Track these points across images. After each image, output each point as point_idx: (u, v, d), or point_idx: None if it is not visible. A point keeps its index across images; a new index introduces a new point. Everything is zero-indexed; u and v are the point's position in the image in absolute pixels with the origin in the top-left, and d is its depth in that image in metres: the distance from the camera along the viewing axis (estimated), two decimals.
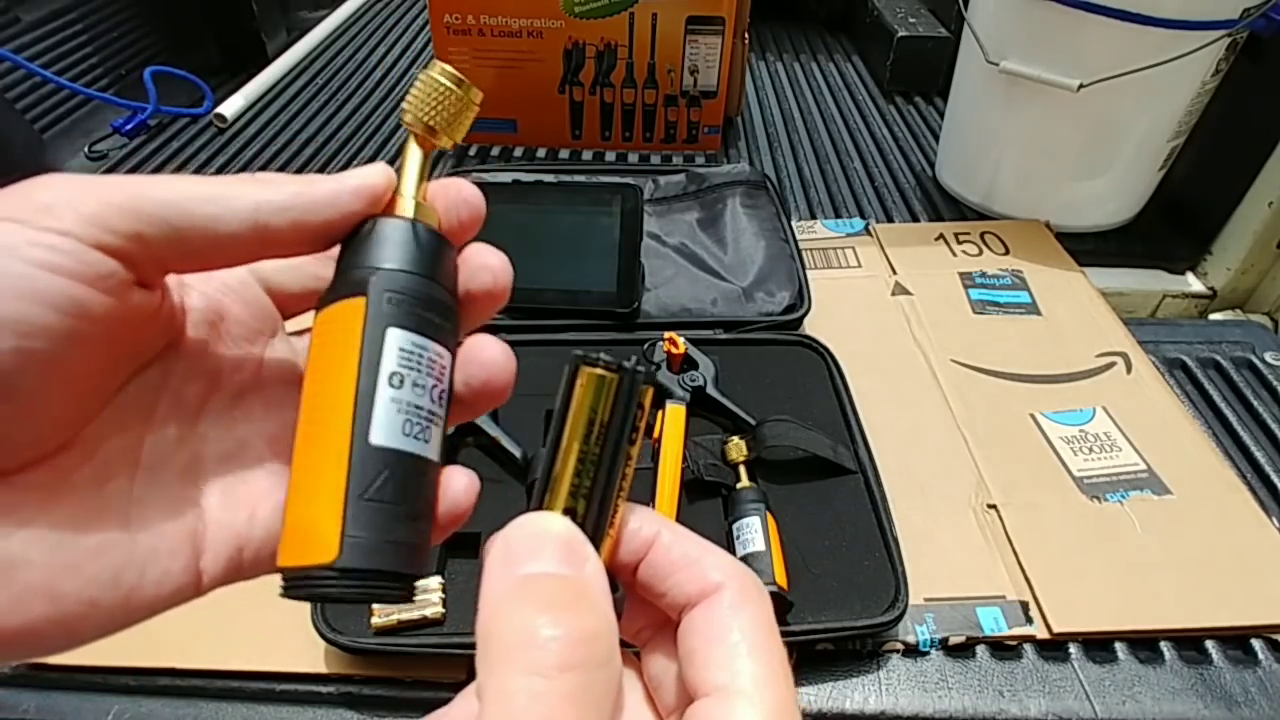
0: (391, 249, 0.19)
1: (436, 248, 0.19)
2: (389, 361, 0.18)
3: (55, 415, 0.16)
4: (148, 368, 0.18)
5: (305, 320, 0.21)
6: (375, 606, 0.42)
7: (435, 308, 0.19)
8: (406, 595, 0.18)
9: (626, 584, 0.20)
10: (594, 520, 0.18)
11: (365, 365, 0.18)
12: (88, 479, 0.17)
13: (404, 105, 0.20)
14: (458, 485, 0.19)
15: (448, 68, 0.20)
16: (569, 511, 0.18)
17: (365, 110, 0.99)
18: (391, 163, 0.19)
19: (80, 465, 0.17)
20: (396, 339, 0.18)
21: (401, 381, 0.18)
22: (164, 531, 0.18)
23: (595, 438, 0.18)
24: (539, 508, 0.18)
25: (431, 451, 0.18)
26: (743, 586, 0.19)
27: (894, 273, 0.71)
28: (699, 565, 0.19)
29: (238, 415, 0.20)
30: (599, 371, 0.18)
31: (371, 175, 0.19)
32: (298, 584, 0.18)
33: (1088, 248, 0.76)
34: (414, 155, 0.20)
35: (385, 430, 0.18)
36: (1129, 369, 0.61)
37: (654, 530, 0.19)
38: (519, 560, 0.17)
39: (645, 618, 0.20)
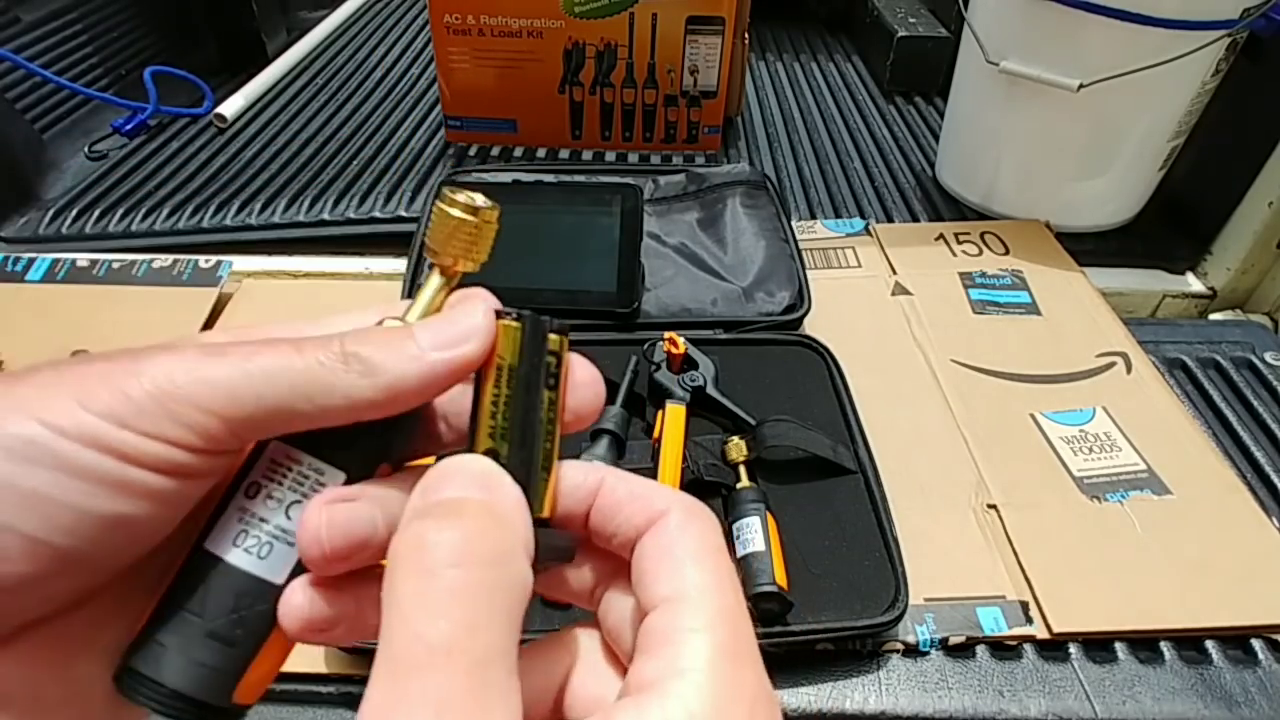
0: None
1: None
2: (255, 471, 0.18)
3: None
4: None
5: None
6: None
7: (338, 433, 0.18)
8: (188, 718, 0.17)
9: (581, 538, 0.20)
10: (518, 461, 0.18)
11: (239, 475, 0.18)
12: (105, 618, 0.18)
13: (425, 238, 0.20)
14: (292, 604, 0.17)
15: (460, 195, 0.19)
16: (490, 453, 0.18)
17: (365, 110, 0.99)
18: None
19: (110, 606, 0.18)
20: (270, 449, 0.18)
21: (256, 492, 0.17)
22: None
23: (506, 381, 0.18)
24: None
25: (267, 572, 0.17)
26: (687, 508, 0.19)
27: (894, 273, 0.71)
28: (645, 498, 0.19)
29: None
30: (505, 322, 0.19)
31: (466, 350, 0.18)
32: (120, 678, 0.17)
33: (1088, 248, 0.76)
34: (434, 281, 0.20)
35: (217, 538, 0.17)
36: (1129, 369, 0.61)
37: (598, 476, 0.20)
38: (431, 491, 0.17)
39: (598, 571, 0.20)
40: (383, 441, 0.19)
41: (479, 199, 0.19)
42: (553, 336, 0.19)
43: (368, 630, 0.17)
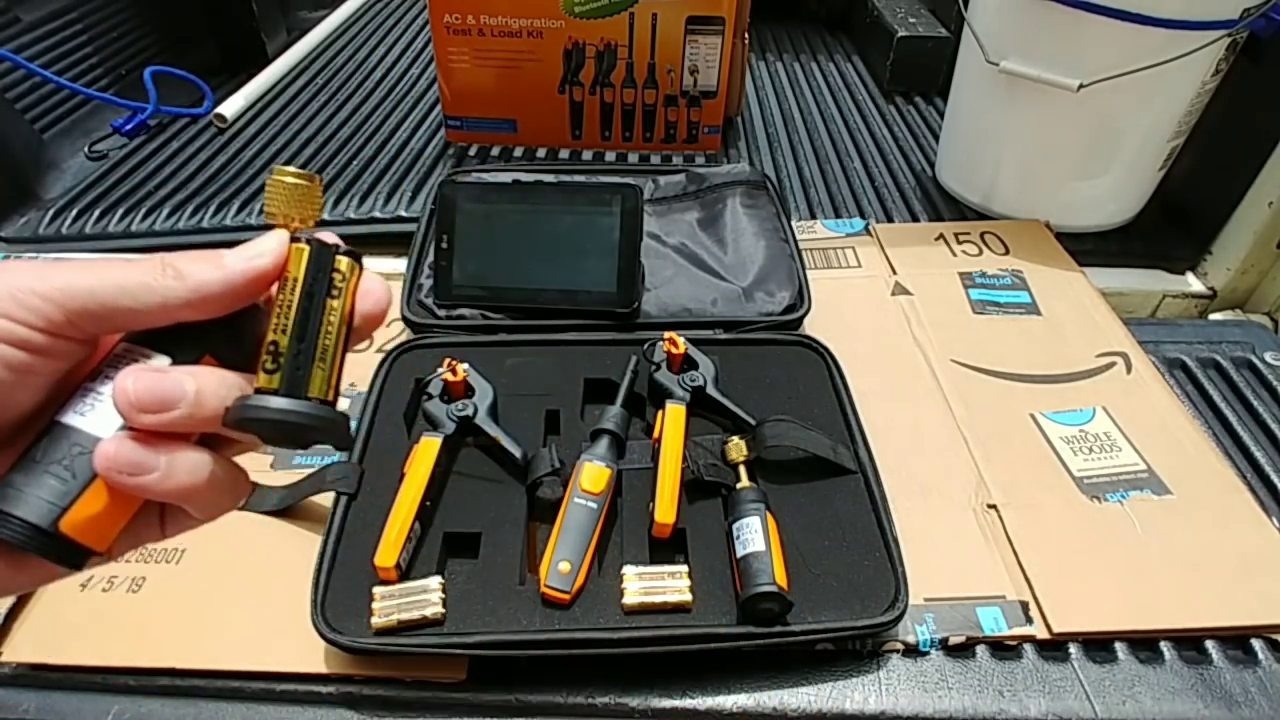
0: None
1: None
2: (100, 361, 0.23)
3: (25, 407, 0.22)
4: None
5: None
6: (374, 605, 0.42)
7: (168, 331, 0.23)
8: (25, 541, 0.21)
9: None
10: (295, 351, 0.22)
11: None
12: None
13: (266, 206, 0.24)
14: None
15: (289, 169, 0.24)
16: (273, 344, 0.22)
17: (365, 110, 0.99)
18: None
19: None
20: (114, 345, 0.23)
21: (96, 374, 0.22)
22: None
23: (292, 289, 0.23)
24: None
25: (93, 428, 0.22)
26: None
27: (894, 273, 0.71)
28: None
29: None
30: (297, 245, 0.23)
31: (260, 261, 0.23)
32: None
33: (1088, 248, 0.76)
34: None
35: (63, 409, 0.22)
36: (1129, 369, 0.61)
37: None
38: None
39: None
40: (204, 337, 0.23)
41: (303, 171, 0.24)
42: (342, 260, 0.24)
43: (177, 487, 0.21)
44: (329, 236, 0.24)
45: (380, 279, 0.25)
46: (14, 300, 0.20)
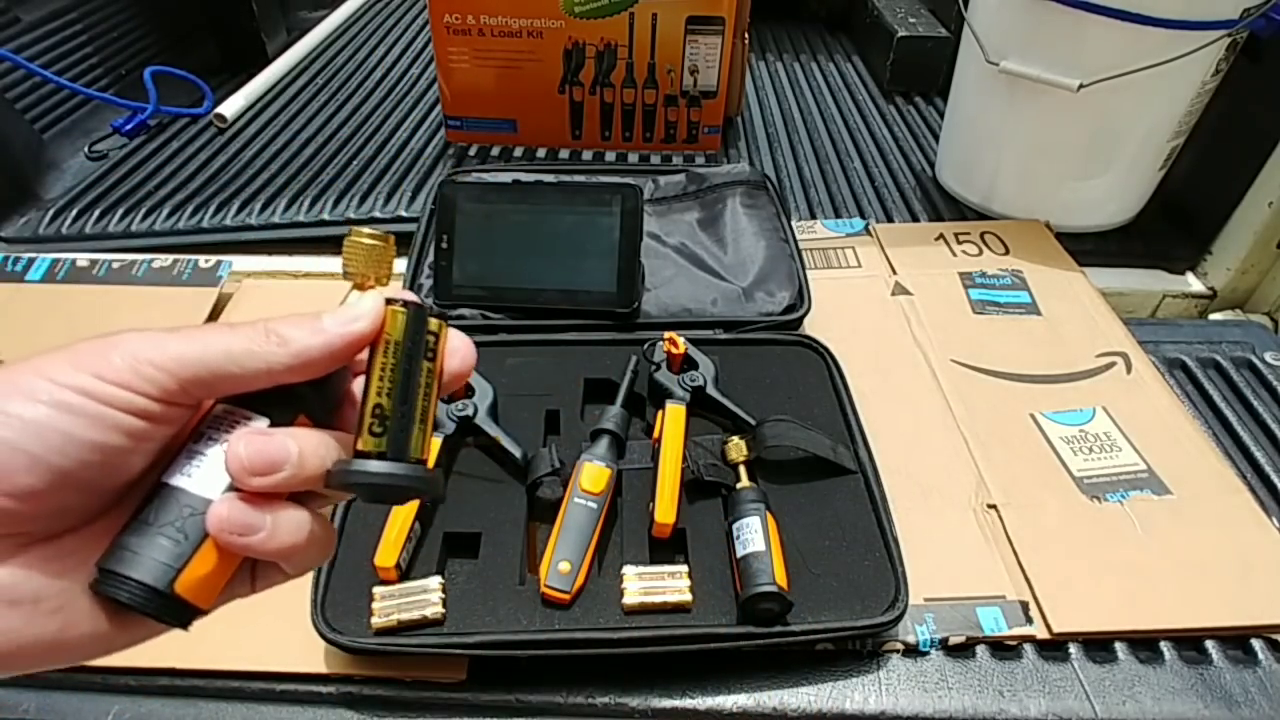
0: None
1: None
2: (201, 423, 0.23)
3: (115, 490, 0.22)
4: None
5: None
6: (374, 606, 0.42)
7: (267, 394, 0.23)
8: (142, 603, 0.21)
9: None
10: (399, 414, 0.23)
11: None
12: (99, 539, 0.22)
13: (345, 266, 0.26)
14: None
15: (365, 229, 0.25)
16: (377, 407, 0.23)
17: (365, 110, 0.99)
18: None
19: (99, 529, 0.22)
20: (214, 408, 0.23)
21: (199, 436, 0.23)
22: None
23: (392, 353, 0.23)
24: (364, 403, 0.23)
25: (202, 490, 0.22)
26: None
27: (894, 273, 0.71)
28: None
29: None
30: (394, 308, 0.24)
31: (358, 325, 0.23)
32: (96, 576, 0.21)
33: (1088, 248, 0.76)
34: (354, 296, 0.25)
35: (170, 471, 0.22)
36: (1129, 369, 0.61)
37: None
38: None
39: None
40: (298, 398, 0.24)
41: (377, 231, 0.26)
42: (432, 320, 0.24)
43: (279, 546, 0.22)
44: (412, 296, 0.24)
45: (464, 337, 0.26)
46: (134, 372, 0.21)
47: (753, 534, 0.45)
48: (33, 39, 0.90)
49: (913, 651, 0.45)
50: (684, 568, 0.45)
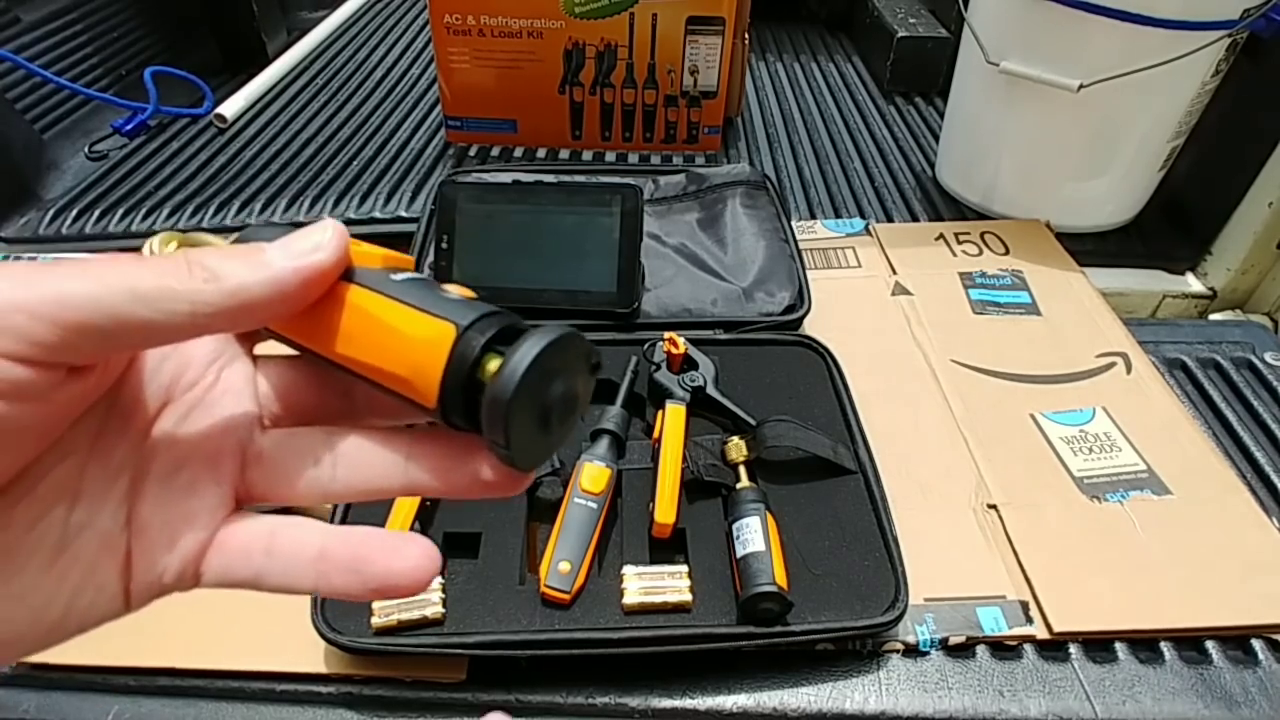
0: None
1: None
2: None
3: None
4: (96, 402, 0.18)
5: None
6: (374, 605, 0.42)
7: None
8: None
9: None
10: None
11: None
12: (23, 518, 0.17)
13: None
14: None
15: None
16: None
17: (365, 110, 0.99)
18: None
19: (17, 504, 0.17)
20: None
21: None
22: (95, 565, 0.18)
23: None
24: None
25: None
26: None
27: (894, 273, 0.71)
28: None
29: (181, 434, 0.20)
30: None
31: (318, 257, 0.18)
32: None
33: (1088, 248, 0.76)
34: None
35: None
36: (1129, 369, 0.61)
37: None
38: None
39: None
40: None
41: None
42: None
43: None
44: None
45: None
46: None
47: (753, 534, 0.45)
48: (33, 39, 0.90)
49: (913, 651, 0.45)
50: (684, 568, 0.45)
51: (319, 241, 0.18)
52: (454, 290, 0.20)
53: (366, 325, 0.19)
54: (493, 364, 0.18)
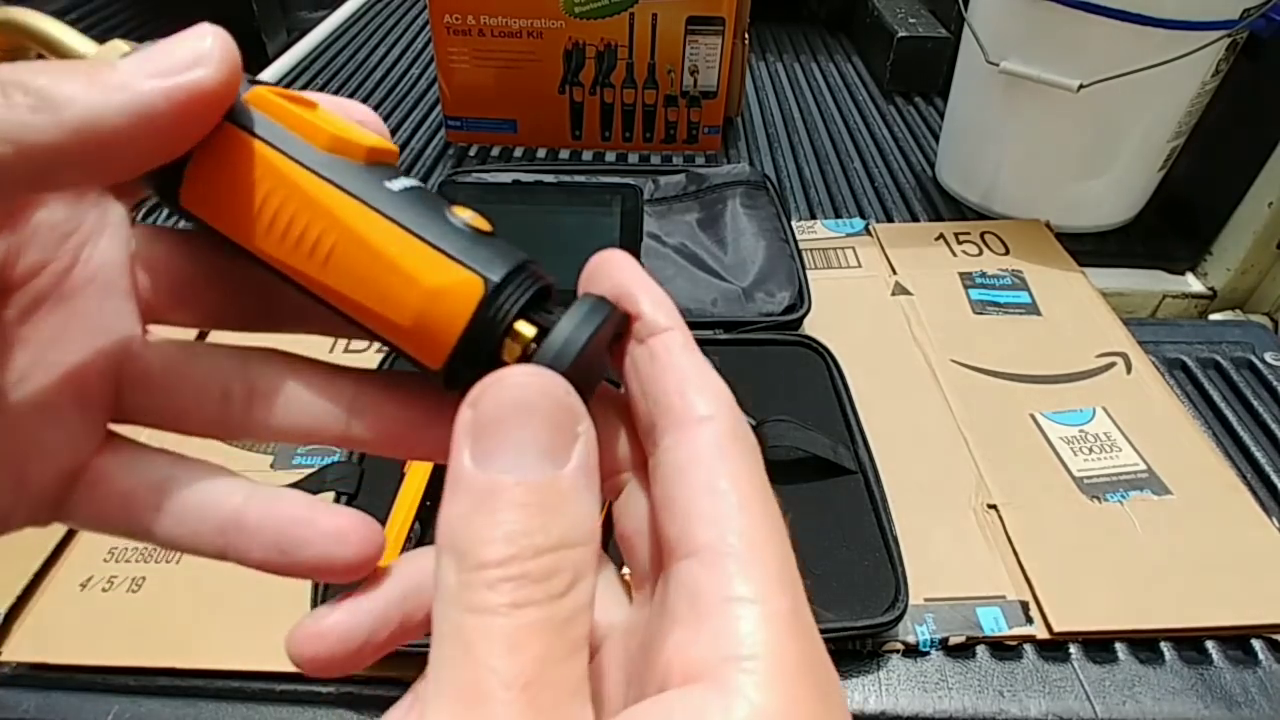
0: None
1: None
2: None
3: None
4: None
5: None
6: None
7: None
8: None
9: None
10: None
11: None
12: None
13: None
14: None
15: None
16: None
17: None
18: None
19: None
20: None
21: None
22: None
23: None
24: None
25: None
26: (734, 426, 0.16)
27: (894, 273, 0.71)
28: (686, 383, 0.16)
29: (21, 341, 0.15)
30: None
31: (197, 76, 0.13)
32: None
33: (1088, 248, 0.76)
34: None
35: None
36: (1129, 369, 0.61)
37: (665, 324, 0.17)
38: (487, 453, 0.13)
39: (613, 456, 0.17)
40: None
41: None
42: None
43: None
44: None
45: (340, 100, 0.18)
46: None
47: None
48: None
49: (913, 651, 0.45)
50: None
51: (198, 52, 0.13)
52: (465, 215, 0.16)
53: (351, 247, 0.15)
54: (527, 332, 0.15)
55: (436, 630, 0.13)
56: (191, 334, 0.18)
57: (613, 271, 0.17)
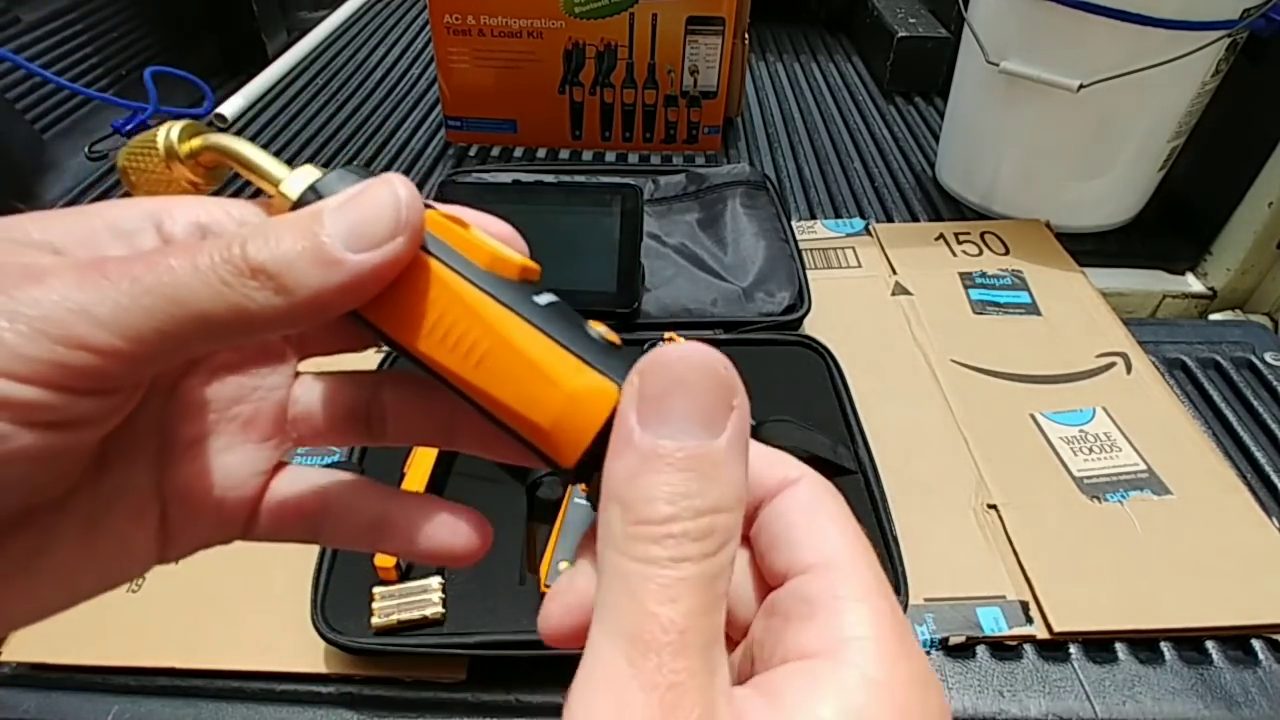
0: None
1: None
2: None
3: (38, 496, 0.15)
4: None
5: None
6: (374, 605, 0.42)
7: None
8: None
9: None
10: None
11: None
12: (49, 499, 0.16)
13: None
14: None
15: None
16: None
17: (365, 110, 0.99)
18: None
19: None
20: None
21: None
22: (127, 535, 0.17)
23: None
24: None
25: None
26: (819, 478, 0.18)
27: (894, 273, 0.71)
28: (775, 462, 0.18)
29: (210, 392, 0.19)
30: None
31: (394, 248, 0.16)
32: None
33: (1088, 248, 0.76)
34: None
35: None
36: (1129, 369, 0.61)
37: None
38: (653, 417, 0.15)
39: None
40: None
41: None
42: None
43: None
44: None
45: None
46: (42, 349, 0.13)
47: None
48: (33, 39, 0.90)
49: None
50: None
51: (397, 219, 0.16)
52: (601, 329, 0.18)
53: (505, 353, 0.17)
54: None
55: (603, 571, 0.15)
56: (331, 364, 0.21)
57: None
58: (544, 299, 0.17)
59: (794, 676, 0.15)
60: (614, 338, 0.18)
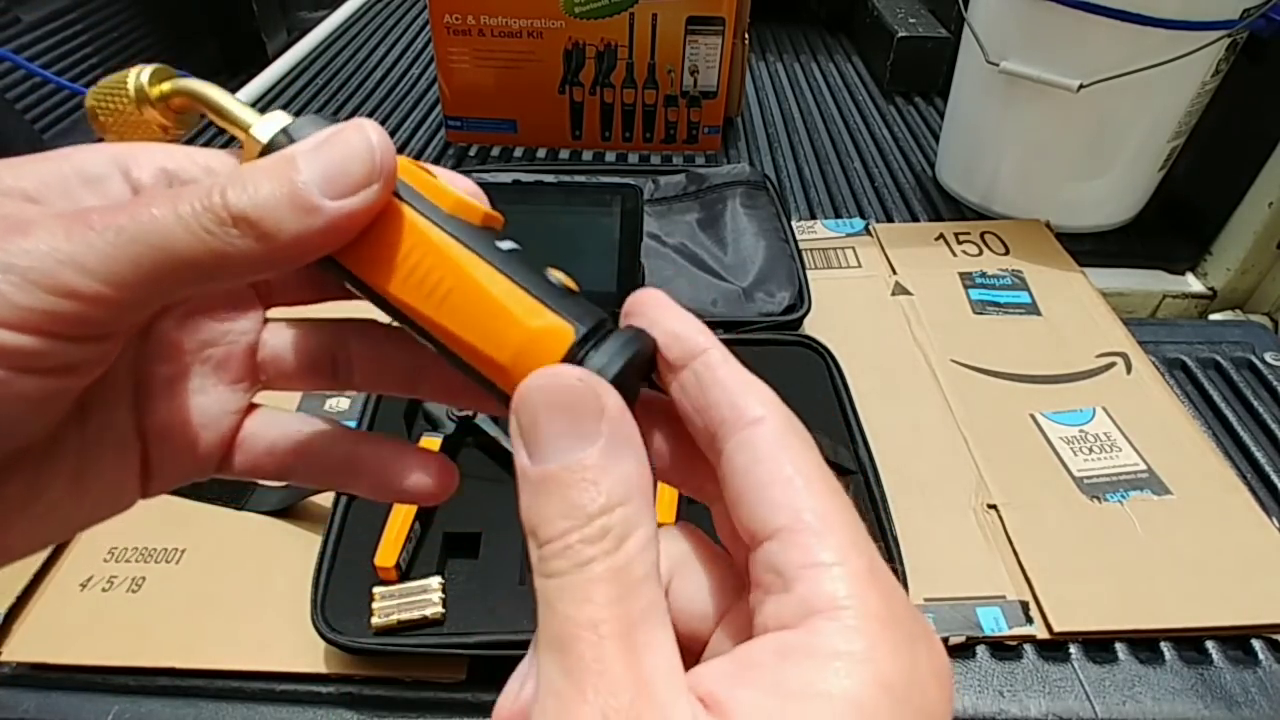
0: None
1: None
2: None
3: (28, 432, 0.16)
4: None
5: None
6: (374, 606, 0.42)
7: None
8: None
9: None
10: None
11: None
12: (37, 448, 0.17)
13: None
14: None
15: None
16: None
17: (365, 110, 0.99)
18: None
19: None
20: None
21: None
22: (114, 478, 0.18)
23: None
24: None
25: None
26: (786, 421, 0.18)
27: (894, 273, 0.71)
28: (736, 392, 0.17)
29: (182, 336, 0.19)
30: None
31: (369, 195, 0.16)
32: None
33: (1088, 248, 0.76)
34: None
35: None
36: (1129, 369, 0.61)
37: (703, 345, 0.18)
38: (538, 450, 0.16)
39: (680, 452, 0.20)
40: None
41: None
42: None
43: None
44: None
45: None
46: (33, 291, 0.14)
47: None
48: (33, 39, 0.90)
49: None
50: None
51: (370, 167, 0.16)
52: (559, 276, 0.19)
53: (468, 292, 0.17)
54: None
55: (537, 600, 0.15)
56: (301, 313, 0.22)
57: (647, 307, 0.20)
58: (506, 245, 0.18)
59: (765, 650, 0.15)
60: (571, 284, 0.19)
